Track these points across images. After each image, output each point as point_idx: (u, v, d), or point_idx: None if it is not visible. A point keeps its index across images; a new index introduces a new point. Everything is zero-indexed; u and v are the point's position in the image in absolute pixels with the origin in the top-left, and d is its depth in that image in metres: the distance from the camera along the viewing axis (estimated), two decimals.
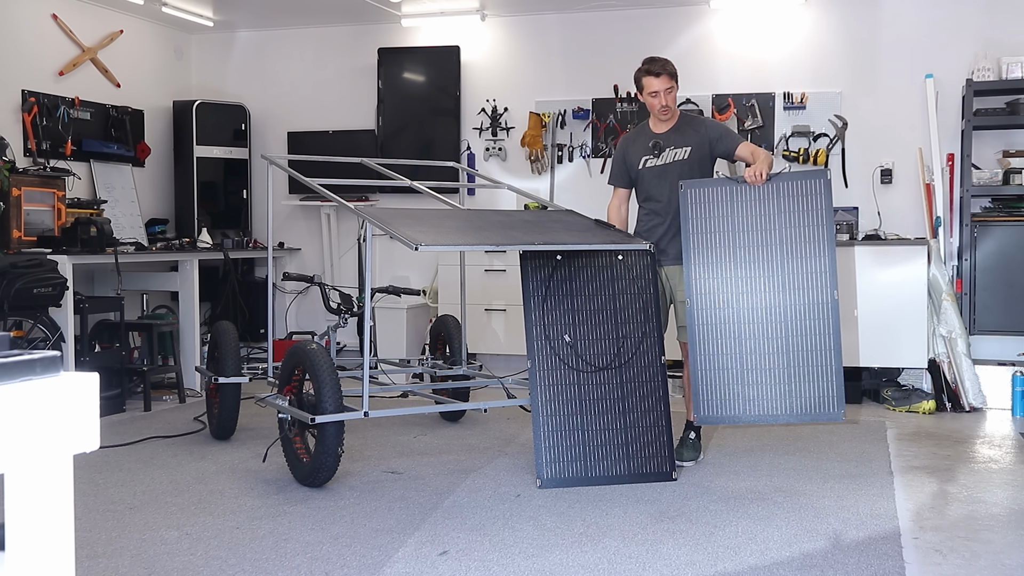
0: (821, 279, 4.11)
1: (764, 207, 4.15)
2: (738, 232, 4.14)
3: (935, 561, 3.08)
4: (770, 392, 4.09)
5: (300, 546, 3.24)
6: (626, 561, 3.07)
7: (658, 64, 4.37)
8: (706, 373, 4.15)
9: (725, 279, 4.14)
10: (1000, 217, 6.08)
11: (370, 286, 4.22)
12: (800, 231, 4.13)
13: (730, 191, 4.18)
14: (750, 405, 4.10)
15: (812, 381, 4.09)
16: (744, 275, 4.14)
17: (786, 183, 4.17)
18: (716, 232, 4.16)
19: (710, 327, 4.14)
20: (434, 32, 7.32)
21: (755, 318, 4.12)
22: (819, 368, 4.09)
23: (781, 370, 4.10)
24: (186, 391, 6.20)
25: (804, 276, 4.12)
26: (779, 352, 4.11)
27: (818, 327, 4.11)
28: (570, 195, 6.92)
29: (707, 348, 4.13)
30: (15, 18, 6.20)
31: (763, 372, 4.10)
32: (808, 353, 4.10)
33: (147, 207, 7.23)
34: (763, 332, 4.12)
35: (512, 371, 5.62)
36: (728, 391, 4.11)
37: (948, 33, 6.37)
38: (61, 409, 0.87)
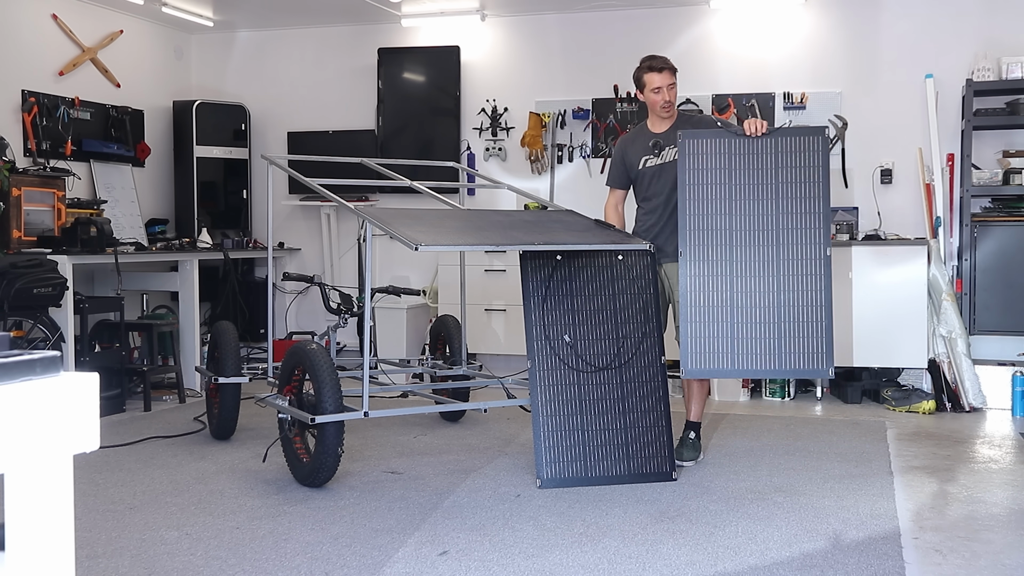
0: (814, 235, 4.08)
1: (761, 160, 4.12)
2: (734, 185, 4.10)
3: (935, 561, 3.08)
4: (759, 347, 4.03)
5: (300, 546, 3.24)
6: (626, 561, 3.07)
7: (659, 60, 4.40)
8: (695, 326, 4.08)
9: (719, 232, 4.08)
10: (1000, 217, 6.08)
11: (370, 286, 4.22)
12: (796, 187, 4.11)
13: (728, 143, 4.14)
14: (738, 359, 4.04)
15: (802, 337, 4.04)
16: (737, 228, 4.08)
17: (784, 138, 4.15)
18: (712, 184, 4.10)
19: (701, 279, 4.07)
20: (434, 32, 7.32)
21: (747, 272, 4.07)
22: (809, 325, 4.04)
23: (771, 325, 4.04)
24: (186, 391, 6.20)
25: (798, 232, 4.08)
26: (769, 307, 4.05)
27: (809, 283, 4.06)
28: (570, 195, 6.92)
29: (697, 300, 4.06)
30: (15, 18, 6.20)
31: (753, 326, 4.04)
32: (799, 309, 4.04)
33: (147, 207, 7.23)
34: (754, 286, 4.06)
35: (512, 371, 5.62)
36: (717, 344, 4.04)
37: (948, 33, 6.37)
38: (61, 409, 0.87)
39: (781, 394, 6.18)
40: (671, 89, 4.37)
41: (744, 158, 4.14)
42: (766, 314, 4.06)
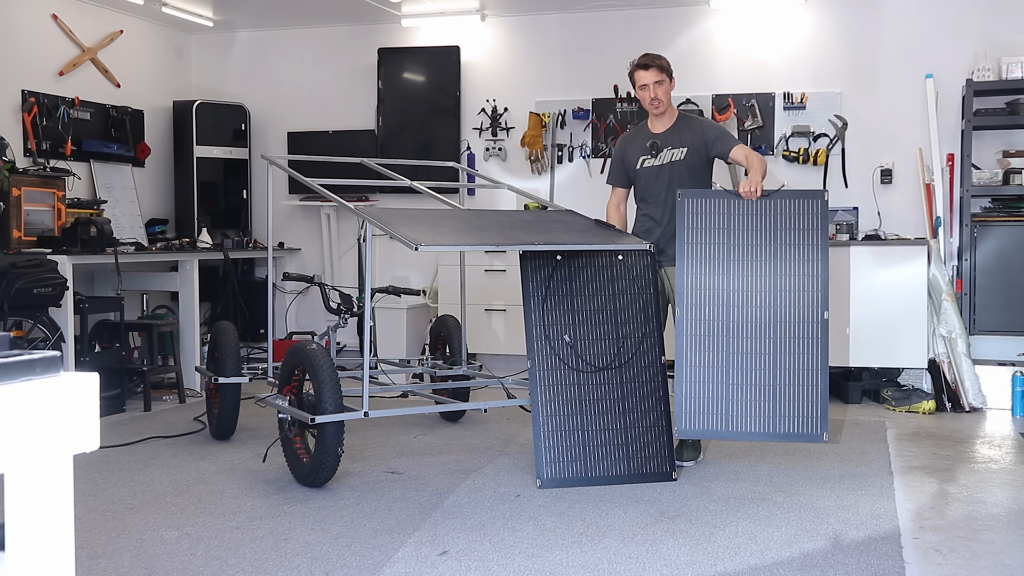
0: (812, 297, 4.09)
1: (760, 222, 4.11)
2: (732, 245, 4.10)
3: (935, 561, 3.08)
4: (754, 409, 4.04)
5: (300, 546, 3.24)
6: (626, 561, 3.07)
7: (647, 57, 4.41)
8: (690, 385, 4.09)
9: (716, 291, 4.09)
10: (1000, 217, 6.08)
11: (370, 286, 4.22)
12: (794, 249, 4.11)
13: (727, 203, 4.14)
14: (732, 421, 4.05)
15: (796, 401, 4.05)
16: (735, 288, 4.10)
17: (783, 201, 4.15)
18: (710, 243, 4.10)
19: (697, 338, 4.08)
20: (434, 32, 7.32)
21: (743, 333, 4.08)
22: (805, 388, 4.06)
23: (766, 388, 4.06)
24: (186, 391, 6.20)
25: (796, 294, 4.09)
26: (765, 369, 4.06)
27: (806, 346, 4.07)
28: (570, 195, 6.92)
29: (692, 359, 4.07)
30: (15, 18, 6.20)
31: (748, 388, 4.05)
32: (794, 372, 4.06)
33: (147, 207, 7.23)
34: (750, 347, 4.07)
35: (512, 371, 5.62)
36: (711, 405, 4.05)
37: (948, 33, 6.37)
38: (61, 409, 0.88)
39: None
40: (658, 86, 4.37)
41: (743, 219, 4.12)
42: (762, 376, 4.07)
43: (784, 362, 4.07)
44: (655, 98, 4.38)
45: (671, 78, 4.43)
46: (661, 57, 4.44)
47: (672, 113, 4.49)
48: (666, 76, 4.39)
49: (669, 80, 4.42)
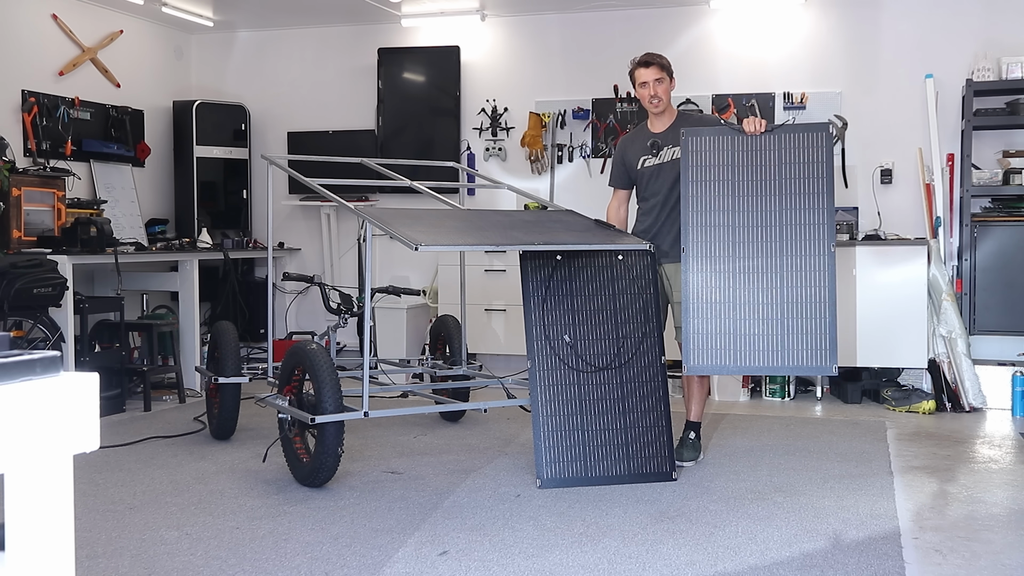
0: (818, 231, 4.05)
1: (764, 157, 4.09)
2: (738, 182, 4.07)
3: (935, 561, 3.08)
4: (762, 344, 3.99)
5: (300, 546, 3.24)
6: (626, 561, 3.07)
7: (647, 55, 4.42)
8: (697, 322, 4.03)
9: (722, 229, 4.05)
10: (1000, 217, 6.08)
11: (370, 286, 4.22)
12: (799, 183, 4.08)
13: (731, 141, 4.12)
14: (741, 356, 4.00)
15: (805, 335, 4.00)
16: (741, 225, 4.06)
17: (787, 135, 4.13)
18: (715, 181, 4.07)
19: (705, 276, 4.03)
20: (434, 32, 7.32)
21: (750, 268, 4.03)
22: (813, 321, 4.00)
23: (774, 322, 4.00)
24: (186, 391, 6.20)
25: (802, 228, 4.05)
26: (773, 304, 4.01)
27: (813, 279, 4.03)
28: (570, 195, 6.92)
29: (700, 297, 4.03)
30: (15, 18, 6.20)
31: (756, 323, 4.00)
32: (802, 306, 4.01)
33: (147, 207, 7.23)
34: (758, 283, 4.03)
35: (512, 371, 5.62)
36: (719, 341, 4.00)
37: (948, 33, 6.37)
38: (61, 409, 0.87)
39: (781, 394, 6.18)
40: (658, 84, 4.37)
41: (747, 155, 4.11)
42: (769, 311, 4.03)
43: (792, 296, 4.02)
44: (655, 96, 4.38)
45: (671, 77, 4.43)
46: (662, 56, 4.44)
47: (672, 112, 4.50)
48: (666, 75, 4.39)
49: (669, 79, 4.41)
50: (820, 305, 4.03)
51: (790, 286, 4.04)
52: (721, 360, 4.03)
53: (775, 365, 4.04)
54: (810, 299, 4.04)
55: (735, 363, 4.04)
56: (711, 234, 4.07)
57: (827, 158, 4.11)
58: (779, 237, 4.06)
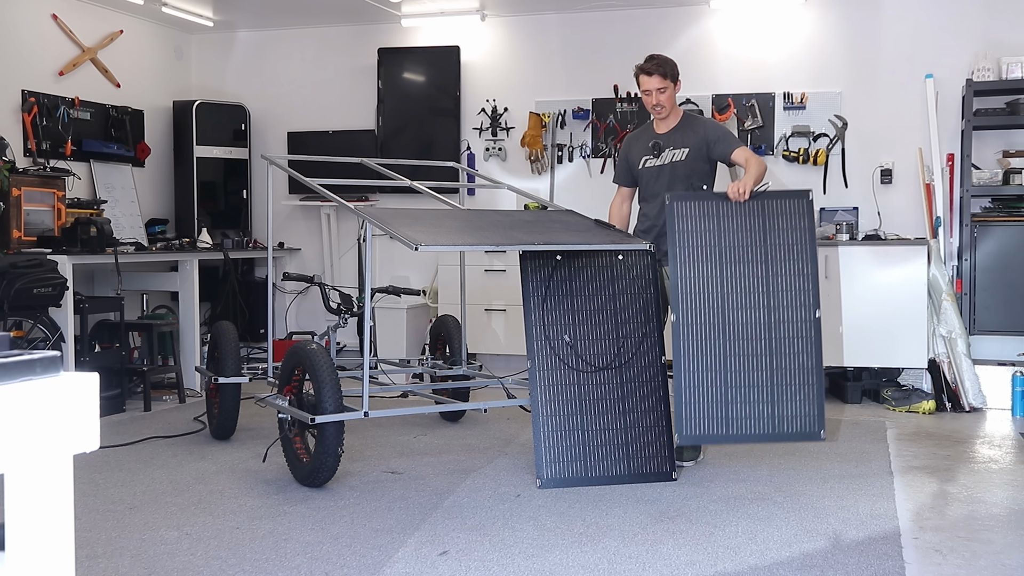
0: (803, 297, 4.09)
1: (749, 222, 4.10)
2: (724, 248, 4.07)
3: (935, 561, 3.08)
4: (753, 411, 4.02)
5: (300, 546, 3.24)
6: (626, 561, 3.07)
7: (652, 63, 4.36)
8: (689, 390, 4.04)
9: (710, 294, 4.06)
10: (1000, 217, 6.08)
11: (370, 286, 4.22)
12: (783, 249, 4.10)
13: (716, 205, 4.12)
14: (732, 424, 4.01)
15: (793, 401, 4.04)
16: (728, 291, 4.07)
17: (769, 201, 4.14)
18: (702, 247, 4.07)
19: (695, 344, 4.04)
20: (434, 32, 7.32)
21: (739, 335, 4.05)
22: (801, 388, 4.05)
23: (763, 389, 4.04)
24: (186, 391, 6.20)
25: (787, 294, 4.09)
26: (762, 370, 4.05)
27: (800, 345, 4.07)
28: (570, 195, 6.92)
29: (690, 364, 4.03)
30: (15, 18, 6.20)
31: (746, 390, 4.03)
32: (790, 372, 4.05)
33: (147, 207, 7.23)
34: (747, 350, 4.05)
35: (512, 371, 5.62)
36: (711, 410, 4.01)
37: (948, 33, 6.37)
38: (61, 409, 0.87)
39: None
40: (661, 93, 4.34)
41: (732, 220, 4.10)
42: (758, 377, 4.05)
43: (779, 362, 4.05)
44: (658, 104, 4.36)
45: (676, 82, 4.39)
46: (666, 63, 4.37)
47: (677, 114, 4.47)
48: (670, 82, 4.34)
49: (674, 85, 4.37)
50: (806, 372, 4.06)
51: (777, 353, 4.06)
52: (713, 429, 4.02)
53: (766, 432, 4.04)
54: (797, 365, 4.07)
55: (726, 432, 4.03)
56: (699, 302, 4.06)
57: (809, 225, 4.13)
58: (765, 304, 4.08)
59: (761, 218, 4.11)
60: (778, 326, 4.07)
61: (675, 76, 4.38)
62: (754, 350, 4.05)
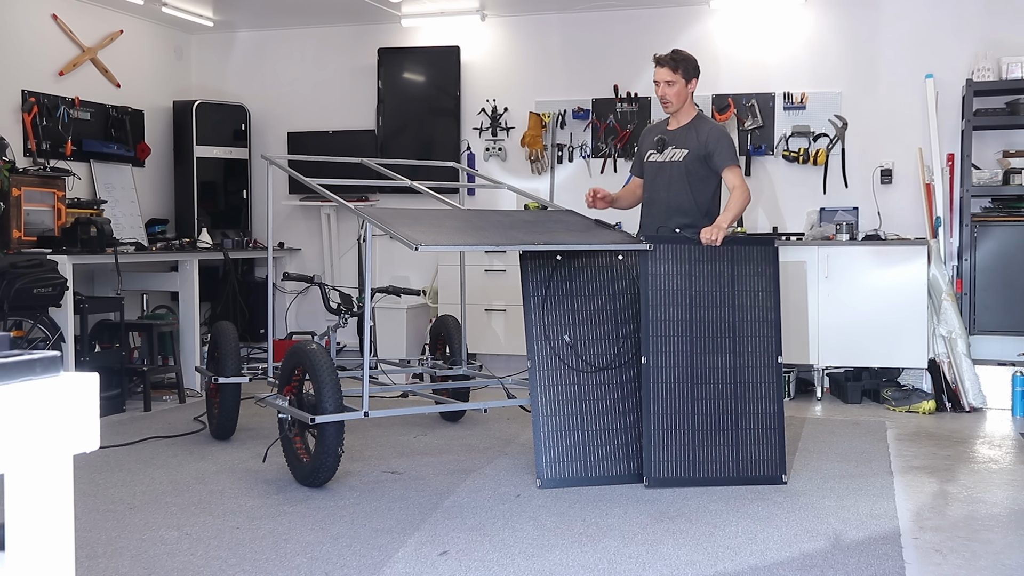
0: (767, 344, 4.14)
1: (719, 267, 4.14)
2: (694, 293, 4.10)
3: (935, 561, 3.08)
4: (719, 454, 4.03)
5: (300, 546, 3.24)
6: (626, 561, 3.07)
7: (667, 55, 4.37)
8: (658, 433, 4.02)
9: (680, 339, 4.07)
10: (1000, 217, 6.08)
11: (370, 286, 4.22)
12: (750, 296, 4.16)
13: (690, 252, 4.13)
14: (699, 466, 4.02)
15: (757, 444, 4.07)
16: (697, 336, 4.09)
17: (738, 248, 4.19)
18: (674, 291, 4.09)
19: (663, 386, 4.05)
20: (434, 32, 7.32)
21: (706, 379, 4.07)
22: (764, 431, 4.08)
23: (728, 432, 4.06)
24: (186, 391, 6.20)
25: (752, 340, 4.13)
26: (727, 414, 4.07)
27: (764, 391, 4.11)
28: (570, 195, 6.91)
29: (659, 407, 4.03)
30: (15, 18, 6.20)
31: (713, 434, 4.04)
32: (754, 417, 4.09)
33: (147, 207, 7.23)
34: (712, 393, 4.07)
35: (512, 371, 5.62)
36: (680, 453, 4.02)
37: (948, 33, 6.37)
38: (61, 409, 0.87)
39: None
40: (668, 86, 4.33)
41: (703, 265, 4.13)
42: (724, 420, 4.07)
43: (743, 407, 4.09)
44: (663, 96, 4.36)
45: (689, 80, 4.35)
46: (682, 59, 4.35)
47: (689, 113, 4.43)
48: (680, 77, 4.32)
49: (686, 82, 4.34)
50: (769, 417, 4.10)
51: (741, 398, 4.10)
52: (680, 471, 4.02)
53: (731, 476, 4.05)
54: (760, 411, 4.10)
55: (693, 475, 4.03)
56: (670, 345, 4.07)
57: (773, 272, 4.20)
58: (731, 349, 4.11)
59: (730, 264, 4.17)
60: (742, 371, 4.11)
61: (688, 73, 4.35)
62: (720, 393, 4.09)
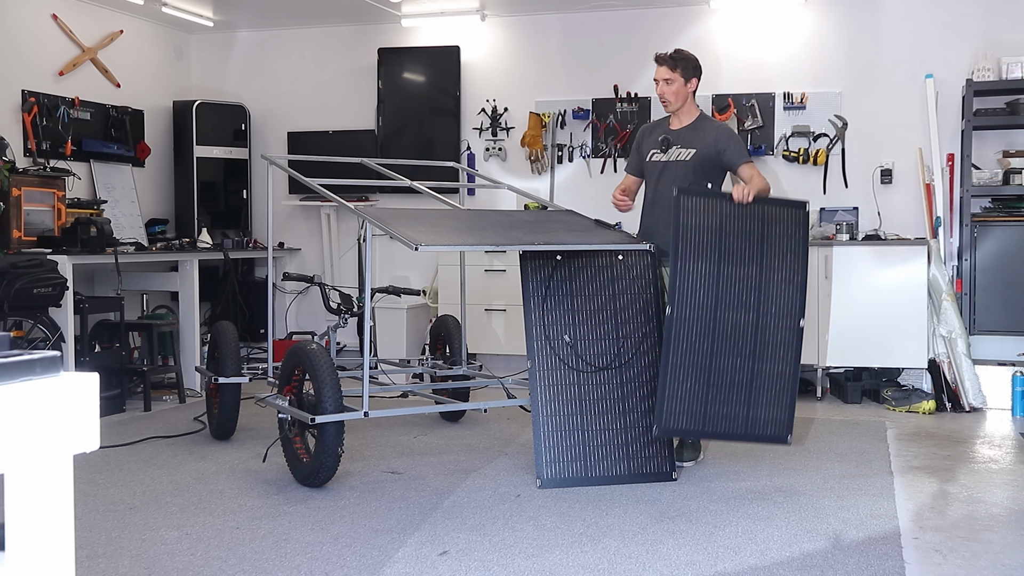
0: (791, 306, 4.14)
1: (749, 225, 4.13)
2: (723, 248, 4.09)
3: (935, 561, 3.08)
4: (730, 410, 4.04)
5: (300, 546, 3.24)
6: (626, 561, 3.07)
7: (666, 53, 4.38)
8: (673, 384, 4.00)
9: (705, 293, 4.06)
10: (1000, 217, 6.08)
11: (370, 286, 4.22)
12: (778, 256, 4.15)
13: (720, 204, 4.13)
14: (709, 421, 4.03)
15: (769, 405, 4.08)
16: (723, 291, 4.08)
17: (769, 208, 4.19)
18: (703, 244, 4.07)
19: (685, 338, 4.03)
20: (434, 32, 7.32)
21: (727, 335, 4.07)
22: (777, 392, 4.09)
23: (742, 390, 4.06)
24: (186, 391, 6.20)
25: (777, 300, 4.13)
26: (743, 371, 4.07)
27: (782, 352, 4.12)
28: (570, 195, 6.92)
29: (678, 359, 4.01)
30: (15, 18, 6.20)
31: (726, 390, 4.05)
32: (769, 377, 4.09)
33: (147, 207, 7.23)
34: (731, 350, 4.07)
35: (512, 371, 5.62)
36: (691, 405, 4.01)
37: (948, 33, 6.37)
38: (61, 409, 0.87)
39: None
40: (667, 84, 4.33)
41: (733, 221, 4.12)
42: (740, 378, 4.07)
43: (760, 366, 4.09)
44: (662, 95, 4.37)
45: (688, 80, 4.36)
46: (682, 58, 4.35)
47: (692, 113, 4.43)
48: (678, 76, 4.32)
49: (685, 81, 4.34)
50: (784, 379, 4.12)
51: (760, 357, 4.10)
52: (691, 424, 4.03)
53: (739, 432, 4.08)
54: (776, 372, 4.11)
55: (703, 427, 4.05)
56: (695, 298, 4.06)
57: (804, 234, 4.21)
58: (755, 308, 4.11)
59: (760, 222, 4.15)
60: (764, 331, 4.11)
61: (687, 72, 4.35)
62: (739, 350, 4.08)
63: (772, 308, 4.11)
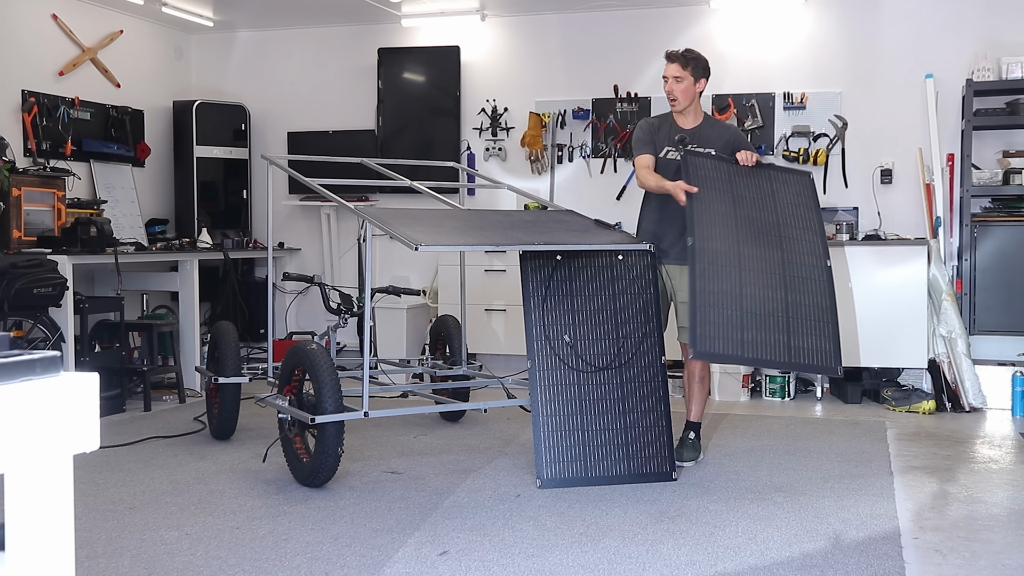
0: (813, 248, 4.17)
1: (759, 182, 4.21)
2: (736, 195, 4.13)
3: (935, 561, 3.08)
4: (769, 338, 3.94)
5: (300, 546, 3.24)
6: (626, 561, 3.07)
7: (678, 51, 4.37)
8: (705, 307, 3.89)
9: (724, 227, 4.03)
10: (1000, 217, 6.08)
11: (370, 286, 4.22)
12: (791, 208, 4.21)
13: (727, 167, 4.18)
14: (749, 346, 3.90)
15: (810, 335, 4.01)
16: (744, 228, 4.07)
17: (776, 173, 4.28)
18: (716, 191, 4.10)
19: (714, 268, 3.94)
20: (434, 32, 7.32)
21: (753, 267, 4.01)
22: (816, 323, 4.04)
23: (779, 319, 3.98)
24: (186, 391, 6.20)
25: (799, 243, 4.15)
26: (776, 301, 3.99)
27: (813, 287, 4.09)
28: (570, 195, 6.92)
29: (707, 284, 3.91)
30: (15, 18, 6.20)
31: (763, 318, 3.96)
32: (805, 308, 4.03)
33: (147, 207, 7.23)
34: (761, 281, 4.00)
35: (512, 371, 5.62)
36: (727, 331, 3.89)
37: (948, 33, 6.37)
38: (61, 409, 0.87)
39: (781, 394, 6.18)
40: (677, 82, 4.31)
41: (742, 178, 4.20)
42: (774, 307, 3.99)
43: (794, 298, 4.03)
44: (671, 93, 4.35)
45: (697, 79, 4.33)
46: (693, 58, 4.34)
47: (698, 113, 4.42)
48: (688, 74, 4.30)
49: (694, 80, 4.32)
50: (822, 311, 4.08)
51: (792, 289, 4.07)
52: (728, 348, 3.88)
53: (782, 360, 4.02)
54: (811, 304, 4.08)
55: (742, 353, 3.91)
56: (715, 231, 4.05)
57: (813, 198, 4.29)
58: (778, 245, 4.12)
59: (769, 182, 4.24)
60: (791, 267, 4.09)
61: (697, 72, 4.33)
62: (768, 282, 4.03)
63: (795, 247, 4.13)
